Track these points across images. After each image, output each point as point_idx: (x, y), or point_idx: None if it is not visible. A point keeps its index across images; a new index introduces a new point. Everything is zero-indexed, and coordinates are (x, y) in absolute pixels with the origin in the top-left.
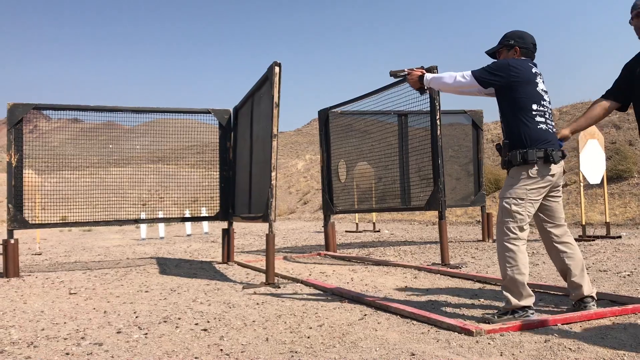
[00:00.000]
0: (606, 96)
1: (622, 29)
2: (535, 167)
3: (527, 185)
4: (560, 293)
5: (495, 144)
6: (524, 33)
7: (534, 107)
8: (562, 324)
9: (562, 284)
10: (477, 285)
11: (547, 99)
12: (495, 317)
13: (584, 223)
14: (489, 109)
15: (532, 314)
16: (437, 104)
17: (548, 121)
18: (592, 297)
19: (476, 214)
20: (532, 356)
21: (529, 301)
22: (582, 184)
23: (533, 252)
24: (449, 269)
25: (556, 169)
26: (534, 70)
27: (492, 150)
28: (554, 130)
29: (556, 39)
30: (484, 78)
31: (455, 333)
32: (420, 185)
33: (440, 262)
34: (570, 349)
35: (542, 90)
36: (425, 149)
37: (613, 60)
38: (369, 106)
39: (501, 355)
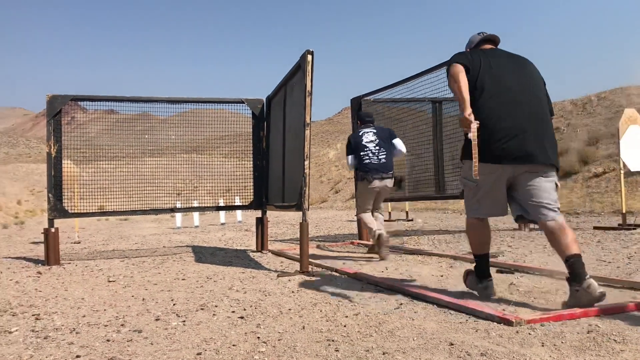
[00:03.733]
0: None
1: None
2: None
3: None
4: (602, 283)
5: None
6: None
7: (361, 153)
8: (605, 315)
9: (603, 273)
10: (515, 274)
11: (372, 144)
12: None
13: (624, 211)
14: None
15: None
16: None
17: (371, 156)
18: None
19: None
20: (575, 347)
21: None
22: (622, 171)
23: None
24: None
25: (376, 183)
26: (360, 132)
27: None
28: (378, 161)
29: (592, 24)
30: None
31: (494, 323)
32: (455, 173)
33: None
34: (615, 340)
35: (365, 142)
36: (460, 136)
37: None
38: (402, 94)
39: (542, 345)
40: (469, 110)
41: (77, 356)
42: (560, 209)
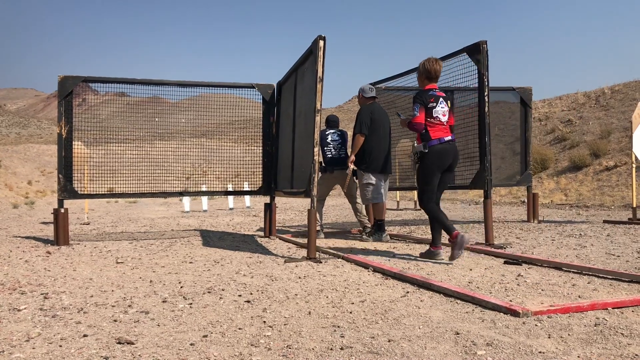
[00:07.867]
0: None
1: None
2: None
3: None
4: (610, 277)
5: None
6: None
7: (325, 148)
8: (613, 308)
9: (612, 266)
10: (523, 266)
11: (333, 143)
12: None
13: (634, 205)
14: (538, 86)
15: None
16: (485, 80)
17: (333, 152)
18: None
19: (520, 194)
20: (582, 340)
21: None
22: (634, 165)
23: (580, 234)
24: (493, 249)
25: (335, 173)
26: (326, 132)
27: (539, 129)
28: (338, 156)
29: (607, 17)
30: None
31: (501, 313)
32: (465, 163)
33: (484, 242)
34: (622, 334)
35: (330, 140)
36: (471, 126)
37: None
38: (413, 82)
39: (549, 337)
40: (352, 158)
41: (85, 335)
42: (569, 202)
